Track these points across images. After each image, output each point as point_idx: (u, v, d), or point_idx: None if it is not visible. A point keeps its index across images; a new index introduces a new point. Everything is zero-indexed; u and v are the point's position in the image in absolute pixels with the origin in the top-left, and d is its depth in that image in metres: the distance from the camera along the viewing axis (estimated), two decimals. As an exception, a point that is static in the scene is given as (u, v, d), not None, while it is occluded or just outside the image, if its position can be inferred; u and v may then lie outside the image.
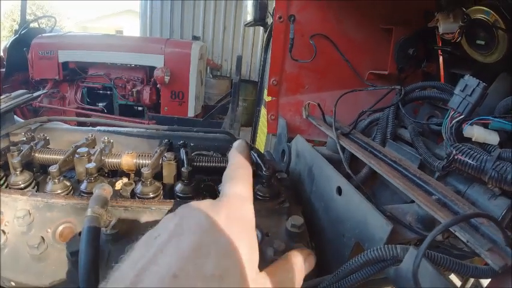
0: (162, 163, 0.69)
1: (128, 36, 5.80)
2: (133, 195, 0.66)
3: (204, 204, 0.36)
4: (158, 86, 3.58)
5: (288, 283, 0.37)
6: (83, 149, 0.67)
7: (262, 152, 1.03)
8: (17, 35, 4.06)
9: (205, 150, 0.90)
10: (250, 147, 0.90)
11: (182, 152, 0.74)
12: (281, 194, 0.69)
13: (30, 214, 0.61)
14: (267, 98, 1.28)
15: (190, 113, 3.57)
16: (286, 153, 0.97)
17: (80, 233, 0.61)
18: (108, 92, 3.86)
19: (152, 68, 3.61)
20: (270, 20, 1.90)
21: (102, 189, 0.56)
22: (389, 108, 0.91)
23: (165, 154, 0.69)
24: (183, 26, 7.16)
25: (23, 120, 1.08)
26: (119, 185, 0.70)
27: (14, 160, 0.66)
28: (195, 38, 5.47)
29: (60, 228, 0.62)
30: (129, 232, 0.59)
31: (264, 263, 0.37)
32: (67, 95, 3.93)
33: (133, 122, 3.23)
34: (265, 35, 1.73)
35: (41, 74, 3.82)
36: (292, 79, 1.20)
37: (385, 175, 0.67)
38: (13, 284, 0.60)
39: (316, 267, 0.45)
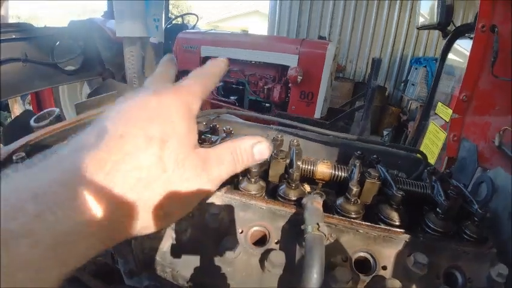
0: (365, 180, 0.60)
1: (264, 36, 6.05)
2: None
3: (156, 86, 0.39)
4: (289, 85, 3.61)
5: (227, 164, 0.38)
6: (281, 153, 0.64)
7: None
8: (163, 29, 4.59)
9: (391, 168, 0.79)
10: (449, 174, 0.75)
11: (381, 169, 0.65)
12: (488, 238, 0.59)
13: (223, 211, 0.60)
14: (445, 114, 1.10)
15: (317, 115, 3.50)
16: (488, 187, 0.77)
17: (277, 242, 0.58)
18: (241, 87, 4.09)
19: (284, 67, 3.67)
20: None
21: (317, 202, 0.51)
22: None
23: (370, 171, 0.60)
24: (309, 26, 7.19)
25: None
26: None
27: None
28: (321, 38, 5.36)
29: (252, 230, 0.60)
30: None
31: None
32: (204, 87, 4.32)
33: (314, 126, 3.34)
34: (444, 42, 1.51)
35: (184, 66, 4.20)
36: (485, 97, 1.02)
37: None
38: (190, 284, 0.59)
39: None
